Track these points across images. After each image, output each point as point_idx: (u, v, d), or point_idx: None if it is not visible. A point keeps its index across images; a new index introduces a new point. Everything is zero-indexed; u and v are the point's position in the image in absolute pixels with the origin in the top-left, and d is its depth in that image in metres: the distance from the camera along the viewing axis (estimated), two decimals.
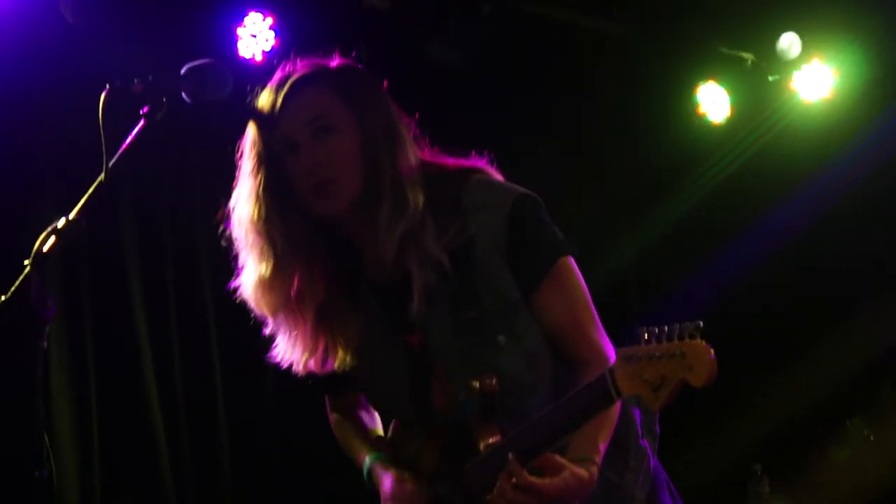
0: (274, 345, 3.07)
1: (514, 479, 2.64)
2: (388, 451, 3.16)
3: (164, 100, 2.71)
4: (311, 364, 3.04)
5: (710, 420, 7.13)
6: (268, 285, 2.96)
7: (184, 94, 2.75)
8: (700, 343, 2.38)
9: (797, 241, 7.37)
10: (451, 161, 3.04)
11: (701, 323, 2.40)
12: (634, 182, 7.59)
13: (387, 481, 3.04)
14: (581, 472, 2.68)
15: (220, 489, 5.89)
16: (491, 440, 2.80)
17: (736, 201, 7.48)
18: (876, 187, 7.27)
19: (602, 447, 2.77)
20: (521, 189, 2.97)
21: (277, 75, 2.98)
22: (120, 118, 2.71)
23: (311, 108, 2.91)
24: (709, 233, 7.51)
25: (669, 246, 7.49)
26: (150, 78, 2.71)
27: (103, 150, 2.63)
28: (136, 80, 2.70)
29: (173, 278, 5.91)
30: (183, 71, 2.77)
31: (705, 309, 7.07)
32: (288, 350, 3.04)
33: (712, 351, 2.37)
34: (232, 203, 3.00)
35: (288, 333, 3.03)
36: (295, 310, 2.99)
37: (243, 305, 3.03)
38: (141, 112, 2.70)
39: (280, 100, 2.93)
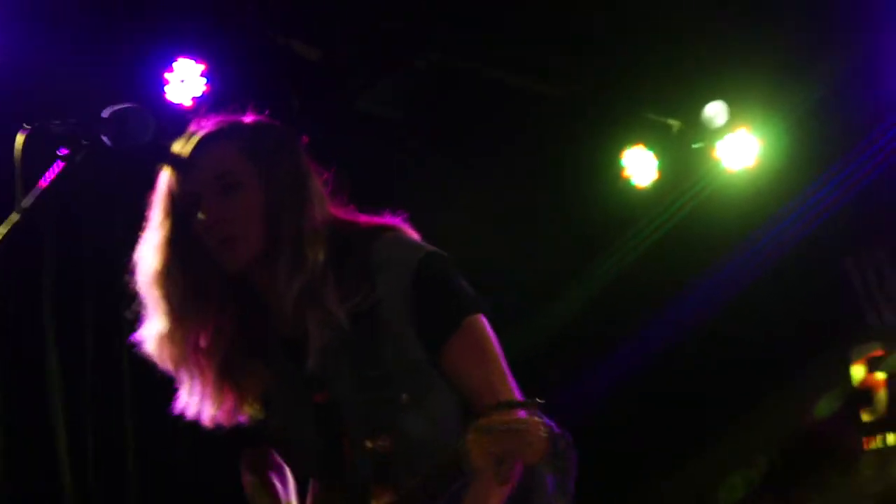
0: (177, 396, 3.03)
1: None
2: None
3: (84, 142, 2.67)
4: (219, 416, 3.01)
5: (628, 479, 7.15)
6: (167, 339, 2.94)
7: (104, 138, 2.71)
8: (538, 420, 2.40)
9: (721, 309, 7.41)
10: (364, 218, 3.04)
11: (540, 399, 2.44)
12: (560, 245, 7.59)
13: None
14: None
15: None
16: (385, 501, 2.77)
17: (661, 268, 7.48)
18: (797, 259, 7.34)
19: None
20: (430, 247, 2.97)
21: (189, 129, 2.99)
22: (39, 159, 2.66)
23: (216, 164, 2.92)
24: (634, 298, 7.52)
25: (595, 310, 7.50)
26: (71, 119, 2.67)
27: (19, 190, 2.58)
28: (56, 122, 2.66)
29: (91, 324, 5.84)
30: (104, 114, 2.73)
31: (631, 374, 7.18)
32: (192, 402, 3.00)
33: (546, 429, 2.40)
34: (137, 254, 2.99)
35: (191, 386, 2.99)
36: (198, 363, 2.96)
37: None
38: (59, 154, 2.66)
39: (188, 155, 2.93)
